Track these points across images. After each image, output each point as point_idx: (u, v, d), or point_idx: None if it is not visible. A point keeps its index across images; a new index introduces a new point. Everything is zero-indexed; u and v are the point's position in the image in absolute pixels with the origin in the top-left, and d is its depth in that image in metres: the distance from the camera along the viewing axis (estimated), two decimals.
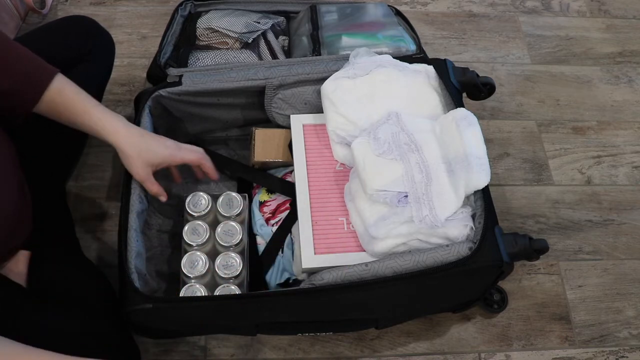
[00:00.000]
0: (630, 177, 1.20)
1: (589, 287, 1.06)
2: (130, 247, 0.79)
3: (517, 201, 1.14)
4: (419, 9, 1.42)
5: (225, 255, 0.85)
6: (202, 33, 1.04)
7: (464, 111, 0.85)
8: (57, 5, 1.31)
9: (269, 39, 1.04)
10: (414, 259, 0.76)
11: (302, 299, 0.78)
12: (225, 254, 0.85)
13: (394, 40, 1.02)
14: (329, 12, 1.10)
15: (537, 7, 1.46)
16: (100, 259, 0.99)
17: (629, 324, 1.03)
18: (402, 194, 0.80)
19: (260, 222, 0.92)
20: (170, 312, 0.77)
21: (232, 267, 0.84)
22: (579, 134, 1.25)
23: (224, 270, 0.83)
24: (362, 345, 0.96)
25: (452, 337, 0.98)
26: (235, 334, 0.94)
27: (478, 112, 1.22)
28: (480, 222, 0.78)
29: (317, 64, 0.97)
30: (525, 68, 1.34)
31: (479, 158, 0.80)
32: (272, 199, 0.95)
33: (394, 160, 0.82)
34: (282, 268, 0.89)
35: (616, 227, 1.13)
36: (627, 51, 1.40)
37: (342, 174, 0.91)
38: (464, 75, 0.97)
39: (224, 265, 0.84)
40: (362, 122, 0.88)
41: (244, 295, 0.83)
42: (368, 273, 0.76)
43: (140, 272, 0.79)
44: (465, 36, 1.38)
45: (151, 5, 1.34)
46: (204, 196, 0.89)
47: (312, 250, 0.83)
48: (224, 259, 0.84)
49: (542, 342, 0.99)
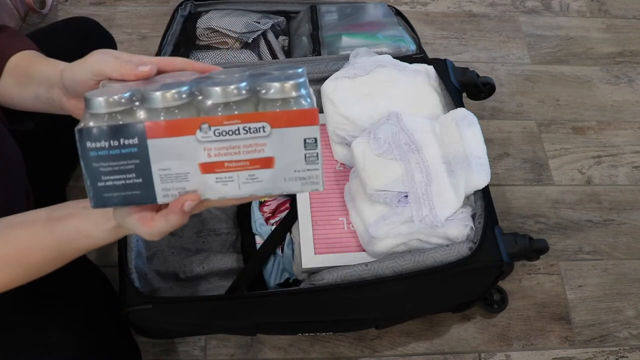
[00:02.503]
0: (630, 177, 1.20)
1: (589, 287, 1.06)
2: (130, 247, 0.79)
3: (517, 201, 1.14)
4: (419, 9, 1.42)
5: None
6: (202, 33, 1.04)
7: (464, 111, 0.85)
8: (57, 5, 1.31)
9: (269, 39, 1.04)
10: (414, 259, 0.76)
11: (302, 299, 0.78)
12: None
13: (394, 40, 1.02)
14: (329, 12, 1.10)
15: (537, 7, 1.46)
16: (100, 259, 0.99)
17: (629, 324, 1.03)
18: (402, 194, 0.80)
19: (260, 221, 0.92)
20: (170, 312, 0.77)
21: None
22: (579, 134, 1.25)
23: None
24: (362, 345, 0.96)
25: (452, 337, 0.98)
26: (235, 334, 0.94)
27: (478, 112, 1.22)
28: (480, 222, 0.78)
29: (317, 64, 0.97)
30: (525, 68, 1.34)
31: (479, 158, 0.80)
32: (272, 198, 0.95)
33: (394, 160, 0.82)
34: (282, 268, 0.89)
35: (616, 227, 1.13)
36: (627, 51, 1.40)
37: (342, 174, 0.91)
38: (464, 75, 0.97)
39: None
40: (362, 122, 0.88)
41: (244, 295, 0.83)
42: (368, 273, 0.76)
43: (140, 272, 0.80)
44: (465, 36, 1.38)
45: (151, 5, 1.34)
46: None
47: (312, 250, 0.83)
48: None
49: (542, 342, 0.99)
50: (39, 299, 0.75)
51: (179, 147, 0.45)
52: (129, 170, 0.45)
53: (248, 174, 0.46)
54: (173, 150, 0.45)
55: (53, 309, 0.74)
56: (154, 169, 0.46)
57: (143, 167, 0.45)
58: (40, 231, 0.53)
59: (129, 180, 0.46)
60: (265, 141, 0.45)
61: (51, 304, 0.74)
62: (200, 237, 0.95)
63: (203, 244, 0.95)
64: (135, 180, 0.46)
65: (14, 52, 0.63)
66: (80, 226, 0.52)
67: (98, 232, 0.52)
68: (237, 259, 0.93)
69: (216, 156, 0.45)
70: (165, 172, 0.46)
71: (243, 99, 0.45)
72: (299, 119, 0.44)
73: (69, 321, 0.72)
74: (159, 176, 0.46)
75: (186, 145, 0.45)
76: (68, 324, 0.72)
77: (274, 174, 0.46)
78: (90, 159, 0.45)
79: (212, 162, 0.45)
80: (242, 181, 0.46)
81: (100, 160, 0.45)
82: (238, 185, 0.46)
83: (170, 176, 0.46)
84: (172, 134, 0.45)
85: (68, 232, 0.52)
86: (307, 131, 0.45)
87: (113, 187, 0.46)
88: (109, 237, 0.52)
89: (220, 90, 0.44)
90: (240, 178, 0.46)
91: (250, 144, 0.45)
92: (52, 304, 0.75)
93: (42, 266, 0.55)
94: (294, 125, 0.45)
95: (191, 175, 0.46)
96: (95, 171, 0.45)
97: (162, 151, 0.45)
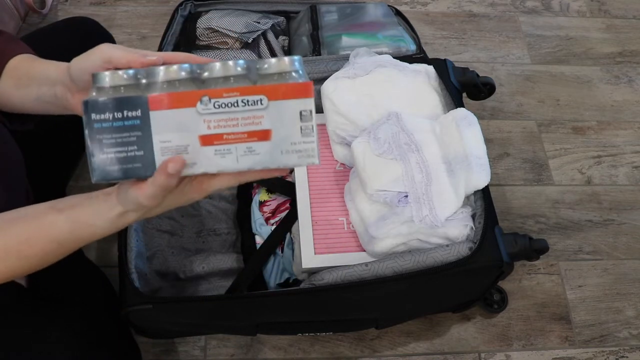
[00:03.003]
0: (630, 177, 1.20)
1: (589, 287, 1.06)
2: (130, 247, 0.79)
3: (517, 201, 1.14)
4: (419, 9, 1.42)
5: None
6: (202, 33, 1.04)
7: (464, 111, 0.85)
8: (57, 5, 1.31)
9: (269, 39, 1.04)
10: (414, 259, 0.76)
11: (302, 299, 0.78)
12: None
13: (394, 40, 1.02)
14: (329, 12, 1.10)
15: (537, 7, 1.46)
16: (100, 259, 0.99)
17: (629, 324, 1.03)
18: (402, 194, 0.80)
19: (260, 221, 0.92)
20: (170, 312, 0.77)
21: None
22: (579, 134, 1.25)
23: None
24: (362, 345, 0.96)
25: (452, 337, 0.98)
26: (235, 334, 0.94)
27: (478, 112, 1.22)
28: (480, 222, 0.78)
29: (317, 64, 0.97)
30: (525, 68, 1.34)
31: (479, 158, 0.80)
32: (272, 198, 0.95)
33: (394, 160, 0.82)
34: (282, 268, 0.89)
35: (616, 227, 1.13)
36: (627, 51, 1.40)
37: (342, 174, 0.91)
38: (464, 75, 0.97)
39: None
40: (362, 122, 0.88)
41: (244, 295, 0.83)
42: (368, 273, 0.76)
43: (141, 272, 0.80)
44: (465, 36, 1.38)
45: (151, 5, 1.34)
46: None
47: (312, 250, 0.83)
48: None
49: (542, 342, 0.99)
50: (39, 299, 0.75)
51: (180, 119, 0.47)
52: (131, 143, 0.47)
53: (246, 147, 0.48)
54: (174, 122, 0.47)
55: (53, 309, 0.74)
56: (155, 141, 0.47)
57: (145, 139, 0.47)
58: (42, 223, 0.53)
59: (131, 153, 0.47)
60: (262, 113, 0.47)
61: (51, 304, 0.74)
62: (200, 237, 0.95)
63: (203, 244, 0.95)
64: (136, 153, 0.47)
65: (13, 55, 0.63)
66: (83, 216, 0.52)
67: (101, 221, 0.52)
68: (237, 259, 0.93)
69: (215, 128, 0.47)
70: (166, 144, 0.47)
71: (241, 74, 0.47)
72: (295, 92, 0.47)
73: (69, 321, 0.72)
74: (160, 148, 0.47)
75: (187, 117, 0.47)
76: (68, 324, 0.72)
77: (271, 147, 0.48)
78: (94, 130, 0.47)
79: (211, 135, 0.47)
80: (240, 154, 0.48)
81: (103, 132, 0.47)
82: (236, 158, 0.48)
83: (171, 148, 0.47)
84: (174, 106, 0.46)
85: (71, 222, 0.53)
86: (303, 103, 0.47)
87: (115, 160, 0.47)
88: (111, 226, 0.53)
89: (220, 65, 0.47)
90: (239, 150, 0.48)
91: (248, 117, 0.47)
92: (52, 304, 0.75)
93: (42, 258, 0.55)
94: (291, 98, 0.47)
95: (191, 147, 0.47)
96: (99, 143, 0.47)
97: (163, 123, 0.47)
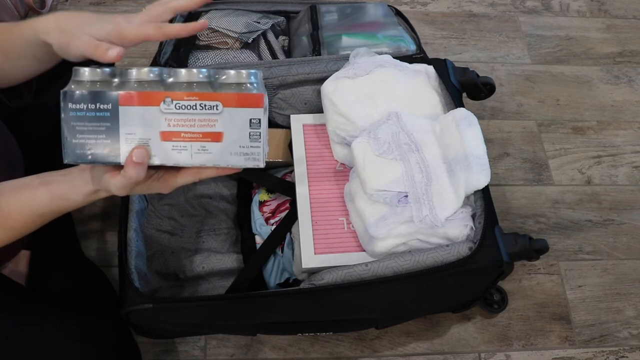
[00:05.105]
0: (630, 177, 1.20)
1: (589, 287, 1.06)
2: (130, 247, 0.79)
3: (517, 201, 1.14)
4: (419, 9, 1.42)
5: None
6: (202, 33, 1.03)
7: (464, 111, 0.85)
8: (57, 5, 1.31)
9: (269, 39, 1.04)
10: (414, 259, 0.76)
11: (302, 299, 0.78)
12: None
13: (394, 40, 1.02)
14: (329, 12, 1.10)
15: (537, 7, 1.46)
16: (100, 259, 0.99)
17: (629, 324, 1.03)
18: (402, 194, 0.80)
19: (260, 221, 0.92)
20: (170, 312, 0.77)
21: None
22: (579, 134, 1.25)
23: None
24: (362, 345, 0.96)
25: (452, 337, 0.98)
26: (235, 334, 0.94)
27: (478, 112, 1.22)
28: (480, 222, 0.78)
29: (317, 64, 0.97)
30: (525, 68, 1.34)
31: (479, 158, 0.80)
32: (272, 198, 0.95)
33: (394, 160, 0.82)
34: (282, 268, 0.89)
35: (616, 227, 1.13)
36: (627, 51, 1.40)
37: (342, 174, 0.91)
38: (464, 75, 0.97)
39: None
40: (362, 122, 0.88)
41: (244, 295, 0.82)
42: (368, 273, 0.76)
43: (141, 272, 0.80)
44: (465, 36, 1.38)
45: None
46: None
47: (312, 250, 0.83)
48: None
49: (542, 342, 0.99)
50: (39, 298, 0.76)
51: (145, 116, 0.53)
52: (101, 132, 0.53)
53: (200, 145, 0.54)
54: (139, 118, 0.53)
55: (53, 308, 0.74)
56: (121, 132, 0.53)
57: (112, 130, 0.53)
58: (22, 197, 0.59)
59: (99, 141, 0.53)
60: (217, 117, 0.53)
61: (51, 304, 0.74)
62: (200, 237, 0.95)
63: (203, 244, 0.95)
64: (104, 141, 0.53)
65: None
66: (60, 190, 0.58)
67: (75, 195, 0.58)
68: (237, 259, 0.93)
69: (174, 126, 0.53)
70: (130, 136, 0.53)
71: (203, 81, 0.53)
72: (248, 101, 0.53)
73: (68, 321, 0.72)
74: (125, 139, 0.53)
75: (151, 114, 0.53)
76: (68, 324, 0.72)
77: (222, 148, 0.54)
78: (70, 118, 0.53)
79: (170, 131, 0.53)
80: (194, 151, 0.54)
81: (78, 120, 0.53)
82: (190, 155, 0.54)
83: (134, 140, 0.54)
84: (141, 104, 0.53)
85: (48, 196, 0.59)
86: (253, 112, 0.53)
87: (86, 145, 0.53)
88: (85, 199, 0.59)
89: (185, 72, 0.53)
90: (193, 148, 0.54)
91: (204, 119, 0.53)
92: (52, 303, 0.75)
93: (23, 228, 0.61)
94: (243, 106, 0.53)
95: (152, 141, 0.54)
96: (73, 129, 0.53)
97: (130, 118, 0.53)
